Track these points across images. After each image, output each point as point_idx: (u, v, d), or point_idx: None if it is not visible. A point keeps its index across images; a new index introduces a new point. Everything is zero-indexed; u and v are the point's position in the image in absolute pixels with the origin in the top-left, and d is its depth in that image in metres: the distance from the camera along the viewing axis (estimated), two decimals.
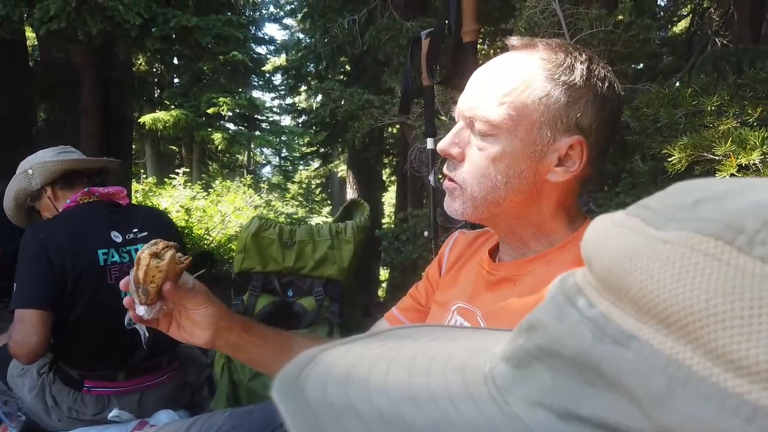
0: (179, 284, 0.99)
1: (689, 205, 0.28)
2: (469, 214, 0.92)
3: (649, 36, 2.84)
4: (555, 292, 0.34)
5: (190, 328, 1.02)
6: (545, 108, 0.85)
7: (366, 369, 0.34)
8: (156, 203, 9.55)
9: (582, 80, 0.86)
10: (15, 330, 1.77)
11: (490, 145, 0.87)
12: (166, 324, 1.03)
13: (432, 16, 5.04)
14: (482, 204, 0.90)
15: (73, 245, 1.86)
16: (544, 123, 0.86)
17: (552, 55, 0.87)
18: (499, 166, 0.87)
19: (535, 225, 0.93)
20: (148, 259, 0.94)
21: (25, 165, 2.05)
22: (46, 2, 4.00)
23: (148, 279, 0.94)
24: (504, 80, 0.86)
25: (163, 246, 0.96)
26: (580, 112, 0.86)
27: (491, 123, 0.86)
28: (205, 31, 4.63)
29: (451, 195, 0.93)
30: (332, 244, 2.20)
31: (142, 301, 0.97)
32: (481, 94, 0.88)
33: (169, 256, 0.94)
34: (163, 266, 0.94)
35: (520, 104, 0.85)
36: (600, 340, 0.27)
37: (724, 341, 0.23)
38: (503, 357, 0.34)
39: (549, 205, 0.91)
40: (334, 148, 10.77)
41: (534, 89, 0.85)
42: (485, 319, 0.95)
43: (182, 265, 0.98)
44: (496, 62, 0.91)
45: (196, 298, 1.00)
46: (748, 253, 0.24)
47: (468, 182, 0.89)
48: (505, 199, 0.89)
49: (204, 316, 1.00)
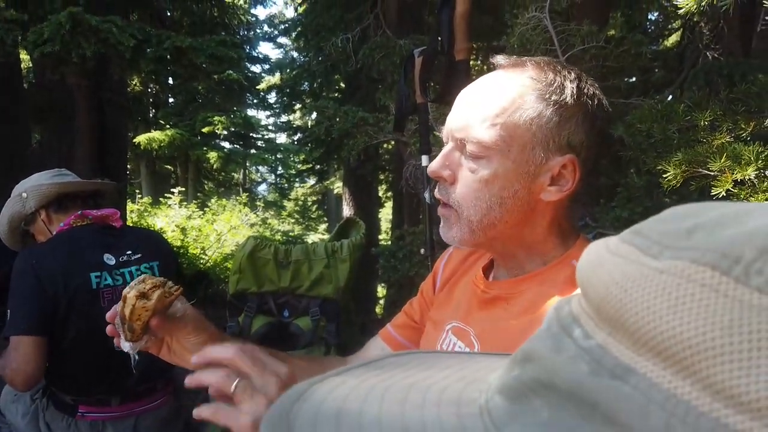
0: (169, 314, 0.97)
1: (684, 232, 0.27)
2: (467, 239, 0.89)
3: (641, 50, 2.86)
4: (550, 321, 0.33)
5: (181, 353, 1.01)
6: (537, 128, 0.84)
7: (358, 404, 0.33)
8: (151, 223, 9.53)
9: (572, 99, 0.86)
10: (10, 358, 1.75)
11: (482, 167, 0.85)
12: (157, 348, 1.02)
13: (425, 34, 5.07)
14: (478, 228, 0.88)
15: (66, 269, 1.85)
16: (537, 143, 0.85)
17: (541, 74, 0.87)
18: (493, 188, 0.86)
19: (529, 245, 0.92)
20: (134, 300, 0.91)
21: (20, 188, 2.04)
22: (40, 25, 4.02)
23: (134, 317, 0.92)
24: (494, 101, 0.85)
25: (150, 285, 0.92)
26: (571, 131, 0.86)
27: (483, 145, 0.84)
28: (200, 51, 4.65)
29: (447, 222, 0.91)
30: (328, 263, 2.19)
31: (127, 338, 0.95)
32: (471, 114, 0.86)
33: (156, 297, 0.92)
34: (150, 306, 0.92)
35: (511, 125, 0.84)
36: (596, 374, 0.27)
37: (723, 376, 0.22)
38: (498, 389, 0.33)
39: (543, 224, 0.91)
40: (329, 165, 10.80)
41: (525, 109, 0.84)
42: (478, 338, 0.94)
43: (172, 297, 0.95)
44: (484, 82, 0.89)
45: (186, 328, 0.99)
46: (745, 284, 0.23)
47: (463, 206, 0.88)
48: (500, 221, 0.88)
49: (194, 344, 0.99)
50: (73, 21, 3.95)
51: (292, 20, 11.67)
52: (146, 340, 0.97)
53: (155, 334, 0.98)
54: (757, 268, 0.23)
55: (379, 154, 8.18)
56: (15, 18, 4.07)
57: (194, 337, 0.99)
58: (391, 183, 9.63)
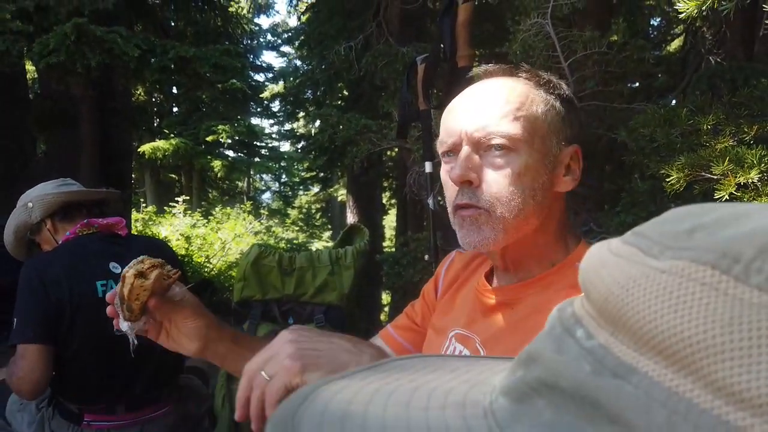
0: (167, 297, 0.98)
1: (685, 233, 0.27)
2: (501, 239, 0.87)
3: (643, 56, 2.86)
4: (553, 322, 0.33)
5: (178, 338, 1.02)
6: (551, 119, 0.88)
7: (363, 406, 0.33)
8: (156, 232, 9.56)
9: (568, 92, 0.92)
10: (17, 366, 1.76)
11: (513, 160, 0.85)
12: (156, 333, 1.02)
13: (427, 42, 5.10)
14: (512, 226, 0.86)
15: (71, 278, 1.86)
16: (552, 134, 0.88)
17: (533, 75, 0.91)
18: (525, 180, 0.85)
19: (542, 246, 0.92)
20: (132, 279, 0.92)
21: (25, 198, 2.05)
22: (46, 36, 4.05)
23: (133, 296, 0.93)
24: (509, 97, 0.86)
25: (149, 265, 0.94)
26: (573, 122, 0.91)
27: (512, 137, 0.84)
28: (203, 61, 4.69)
29: (475, 223, 0.87)
30: (332, 270, 2.19)
31: (126, 317, 0.96)
32: (487, 114, 0.85)
33: (154, 276, 0.93)
34: (148, 285, 0.93)
35: (532, 117, 0.86)
36: (599, 373, 0.27)
37: (724, 373, 0.23)
38: (503, 390, 0.34)
39: (555, 221, 0.92)
40: (333, 173, 10.82)
41: (539, 102, 0.87)
42: (484, 345, 0.93)
43: (170, 280, 0.96)
44: (485, 86, 0.91)
45: (184, 311, 0.99)
46: (744, 282, 0.24)
47: (495, 204, 0.85)
48: (532, 215, 0.87)
49: (192, 329, 1.00)
50: (78, 32, 3.98)
51: (295, 29, 11.74)
52: (144, 321, 0.98)
53: (153, 316, 0.99)
54: (757, 267, 0.24)
55: (382, 162, 8.19)
56: (21, 29, 4.10)
57: (192, 322, 1.00)
58: (395, 190, 9.65)
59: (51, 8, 4.25)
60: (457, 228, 0.90)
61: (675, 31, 6.59)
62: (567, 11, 2.64)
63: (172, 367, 2.06)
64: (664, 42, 6.80)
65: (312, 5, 8.55)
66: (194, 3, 7.88)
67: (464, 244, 0.89)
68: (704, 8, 1.10)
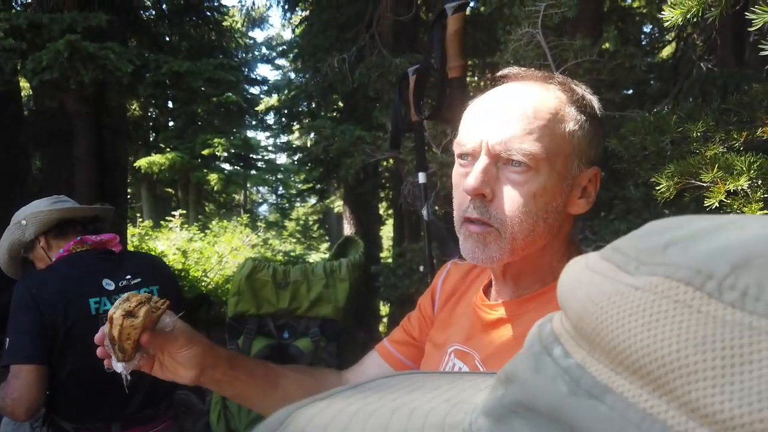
0: (158, 329, 0.96)
1: (660, 247, 0.27)
2: (506, 258, 0.85)
3: (635, 63, 2.88)
4: (533, 340, 0.33)
5: (174, 368, 1.00)
6: (577, 140, 0.84)
7: (341, 429, 0.33)
8: (153, 247, 9.53)
9: (599, 111, 0.88)
10: (11, 387, 1.74)
11: (531, 180, 0.81)
12: (149, 365, 1.00)
13: (420, 53, 5.11)
14: (520, 246, 0.84)
15: (64, 296, 1.85)
16: (576, 155, 0.84)
17: (567, 87, 0.87)
18: (540, 202, 0.82)
19: (545, 264, 0.89)
20: (121, 320, 0.90)
21: (19, 216, 2.04)
22: (39, 53, 4.05)
23: (124, 337, 0.91)
24: (538, 111, 0.82)
25: (136, 303, 0.91)
26: (598, 144, 0.88)
27: (534, 156, 0.80)
28: (198, 75, 4.69)
29: (482, 240, 0.84)
30: (327, 283, 2.18)
31: (119, 359, 0.93)
32: (513, 127, 0.81)
33: (143, 313, 0.90)
34: (138, 324, 0.90)
35: (558, 136, 0.82)
36: (574, 394, 0.26)
37: (698, 394, 0.22)
38: (483, 411, 0.33)
39: (562, 242, 0.90)
40: (329, 185, 10.81)
41: (569, 120, 0.84)
42: (484, 363, 0.90)
43: (159, 312, 0.94)
44: (515, 93, 0.86)
45: (177, 341, 0.97)
46: (718, 299, 0.23)
47: (507, 223, 0.82)
48: (541, 236, 0.85)
49: (187, 357, 0.98)
50: (72, 48, 3.99)
51: (289, 42, 11.79)
52: (138, 358, 0.96)
53: (147, 351, 0.97)
54: (730, 283, 0.23)
55: (378, 173, 8.20)
56: (14, 47, 4.10)
57: (187, 350, 0.97)
58: (391, 200, 9.64)
59: (44, 25, 4.26)
60: (461, 239, 0.88)
61: (667, 38, 6.63)
62: (557, 20, 2.65)
63: (168, 384, 2.04)
64: (656, 49, 6.84)
65: (306, 18, 8.60)
66: (188, 17, 7.90)
67: (468, 257, 0.87)
68: (689, 16, 1.10)
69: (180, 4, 7.62)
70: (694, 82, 3.68)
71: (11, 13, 4.45)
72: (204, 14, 8.07)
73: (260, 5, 13.76)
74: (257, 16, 17.00)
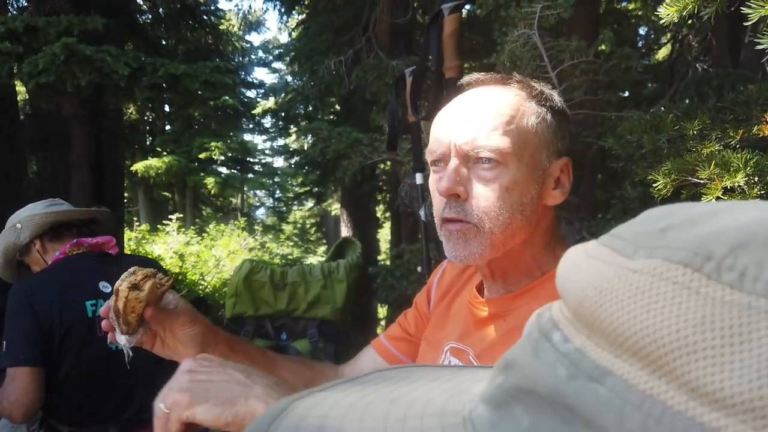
0: (162, 306, 0.97)
1: (658, 232, 0.27)
2: (488, 254, 0.87)
3: (630, 64, 2.88)
4: (531, 327, 0.33)
5: (174, 345, 1.01)
6: (542, 132, 0.87)
7: (339, 420, 0.33)
8: (150, 250, 9.52)
9: (560, 104, 0.91)
10: (8, 390, 1.74)
11: (501, 175, 0.84)
12: (151, 342, 1.01)
13: (417, 54, 5.12)
14: (500, 240, 0.86)
15: (60, 298, 1.84)
16: (543, 147, 0.87)
17: (526, 85, 0.90)
18: (514, 195, 0.85)
19: (529, 258, 0.91)
20: (126, 292, 0.91)
21: (14, 219, 2.04)
22: (35, 56, 4.05)
23: (128, 310, 0.92)
24: (499, 109, 0.85)
25: (141, 276, 0.92)
26: (563, 135, 0.90)
27: (501, 151, 0.83)
28: (194, 78, 4.69)
29: (463, 238, 0.86)
30: (325, 284, 2.18)
31: (123, 331, 0.95)
32: (477, 126, 0.84)
33: (148, 287, 0.92)
34: (143, 297, 0.92)
35: (522, 130, 0.85)
36: (574, 377, 0.26)
37: (697, 373, 0.22)
38: (482, 398, 0.33)
39: (542, 235, 0.91)
40: (327, 187, 10.80)
41: (530, 115, 0.86)
42: (478, 358, 0.92)
43: (164, 288, 0.95)
44: (475, 96, 0.90)
45: (180, 319, 0.98)
46: (716, 280, 0.23)
47: (484, 218, 0.85)
48: (520, 230, 0.87)
49: (189, 335, 0.99)
50: (68, 51, 3.99)
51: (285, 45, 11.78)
52: (141, 333, 0.97)
53: (150, 326, 0.98)
54: (728, 264, 0.23)
55: (375, 175, 8.20)
56: (10, 50, 4.10)
57: (189, 328, 0.99)
58: (389, 203, 9.64)
59: (41, 29, 4.26)
60: (444, 240, 0.90)
61: (663, 39, 6.65)
62: (554, 21, 2.66)
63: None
64: (652, 50, 6.87)
65: (302, 21, 8.60)
66: (185, 21, 7.90)
67: (451, 257, 0.89)
68: (685, 13, 1.11)
69: (176, 8, 7.62)
70: (689, 83, 3.69)
71: (7, 17, 4.45)
72: (200, 18, 8.07)
73: (257, 9, 13.80)
74: (254, 20, 17.05)
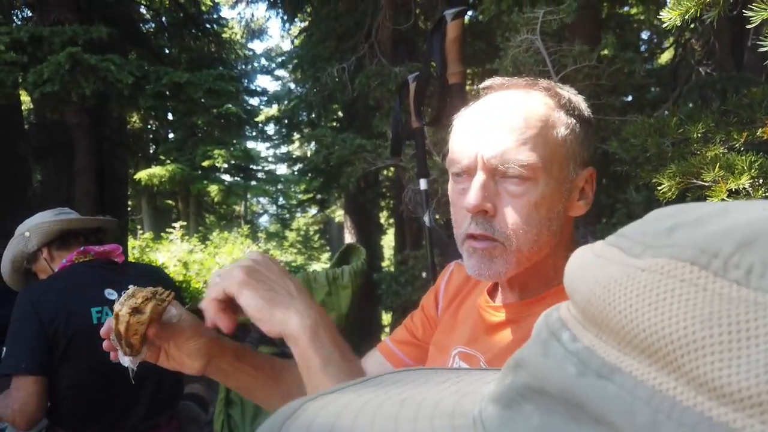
0: (164, 321, 0.95)
1: (665, 231, 0.27)
2: (512, 271, 0.84)
3: (633, 68, 2.89)
4: (540, 327, 0.33)
5: (180, 358, 0.99)
6: (570, 144, 0.84)
7: (351, 420, 0.33)
8: (153, 259, 9.53)
9: (587, 112, 0.88)
10: (12, 398, 1.74)
11: (530, 190, 0.81)
12: (155, 355, 1.00)
13: (419, 61, 5.14)
14: (526, 257, 0.83)
15: (66, 306, 1.85)
16: (570, 159, 0.84)
17: (553, 92, 0.86)
18: (542, 211, 0.82)
19: (550, 268, 0.89)
20: (127, 317, 0.89)
21: (22, 228, 2.05)
22: (40, 66, 4.08)
23: (130, 333, 0.90)
24: (529, 119, 0.81)
25: (142, 299, 0.90)
26: (589, 144, 0.88)
27: (531, 166, 0.80)
28: (197, 86, 4.71)
29: (488, 256, 0.83)
30: (330, 291, 2.18)
31: (127, 353, 0.93)
32: (505, 139, 0.80)
33: (149, 309, 0.90)
34: (144, 319, 0.90)
35: (551, 141, 0.82)
36: (583, 375, 0.27)
37: (705, 369, 0.23)
38: (492, 398, 0.33)
39: (564, 245, 0.89)
40: (330, 194, 10.82)
41: (560, 125, 0.83)
42: (490, 364, 0.89)
43: (164, 304, 0.93)
44: (503, 102, 0.85)
45: (184, 333, 0.97)
46: (723, 277, 0.24)
47: (512, 236, 0.82)
48: (546, 245, 0.84)
49: (193, 349, 0.98)
50: (73, 60, 4.01)
51: (288, 53, 11.83)
52: (146, 351, 0.96)
53: (153, 343, 0.97)
54: (735, 262, 0.24)
55: (379, 181, 8.21)
56: (15, 60, 4.13)
57: (193, 342, 0.97)
58: (392, 210, 9.65)
59: (45, 38, 4.29)
60: (465, 255, 0.87)
61: (666, 44, 6.66)
62: (556, 26, 2.67)
63: (170, 394, 2.04)
64: (655, 54, 6.87)
65: (305, 29, 8.64)
66: (188, 30, 7.95)
67: (474, 274, 0.86)
68: (687, 17, 1.11)
69: (180, 17, 7.66)
70: (693, 86, 3.69)
71: (12, 27, 4.48)
72: (203, 26, 8.12)
73: (259, 17, 13.87)
74: (256, 28, 17.10)
